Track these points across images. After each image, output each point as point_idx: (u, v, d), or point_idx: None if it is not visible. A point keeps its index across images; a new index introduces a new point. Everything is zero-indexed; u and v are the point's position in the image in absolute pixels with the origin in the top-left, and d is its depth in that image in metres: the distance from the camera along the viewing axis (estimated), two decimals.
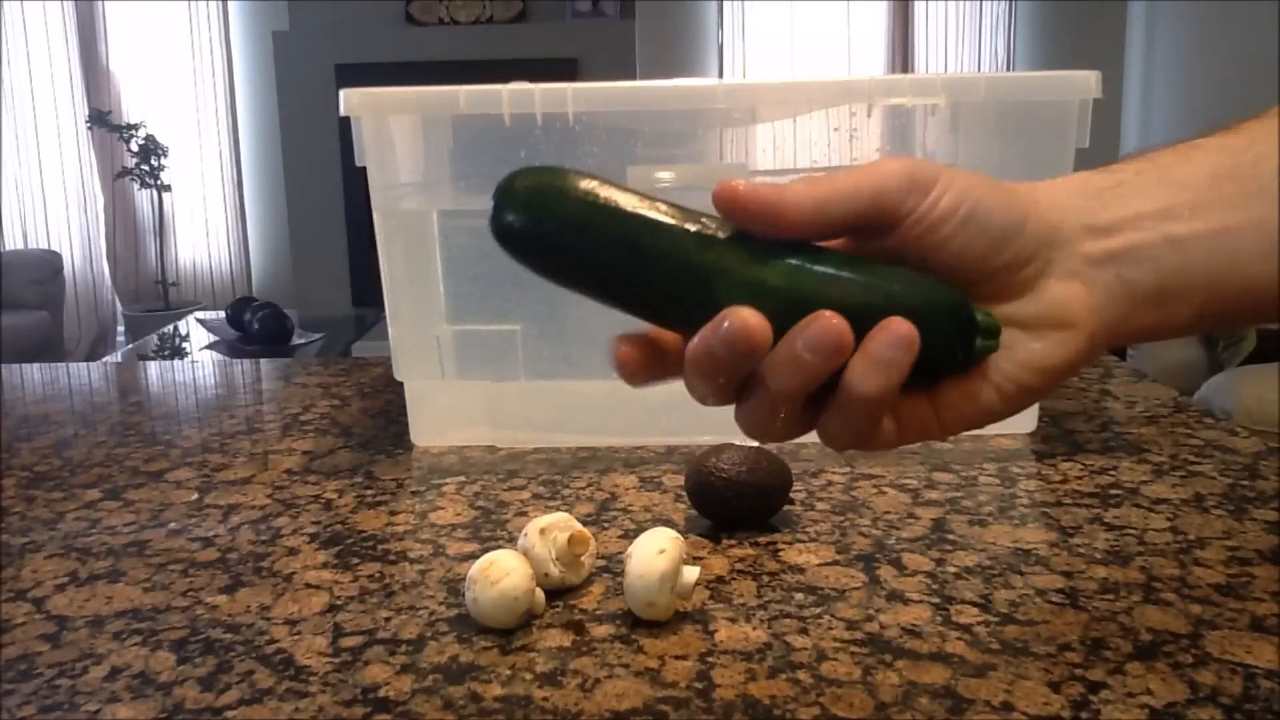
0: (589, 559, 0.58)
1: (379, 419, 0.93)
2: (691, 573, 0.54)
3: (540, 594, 0.55)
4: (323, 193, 4.79)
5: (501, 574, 0.52)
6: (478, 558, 0.54)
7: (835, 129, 0.79)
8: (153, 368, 1.29)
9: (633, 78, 4.44)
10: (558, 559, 0.56)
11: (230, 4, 4.98)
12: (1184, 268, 0.38)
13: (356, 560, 0.63)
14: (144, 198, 5.02)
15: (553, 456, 0.81)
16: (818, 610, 0.55)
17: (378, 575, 0.61)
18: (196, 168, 5.04)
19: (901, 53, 4.74)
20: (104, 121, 4.70)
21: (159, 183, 4.74)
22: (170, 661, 0.51)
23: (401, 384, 0.85)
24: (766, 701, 0.46)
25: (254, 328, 3.18)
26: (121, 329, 5.08)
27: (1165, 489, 0.71)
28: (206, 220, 5.10)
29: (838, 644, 0.51)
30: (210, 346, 3.31)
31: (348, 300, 4.84)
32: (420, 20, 4.75)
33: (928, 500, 0.70)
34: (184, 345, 3.45)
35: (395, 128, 0.79)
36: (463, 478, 0.77)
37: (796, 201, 0.36)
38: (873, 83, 0.76)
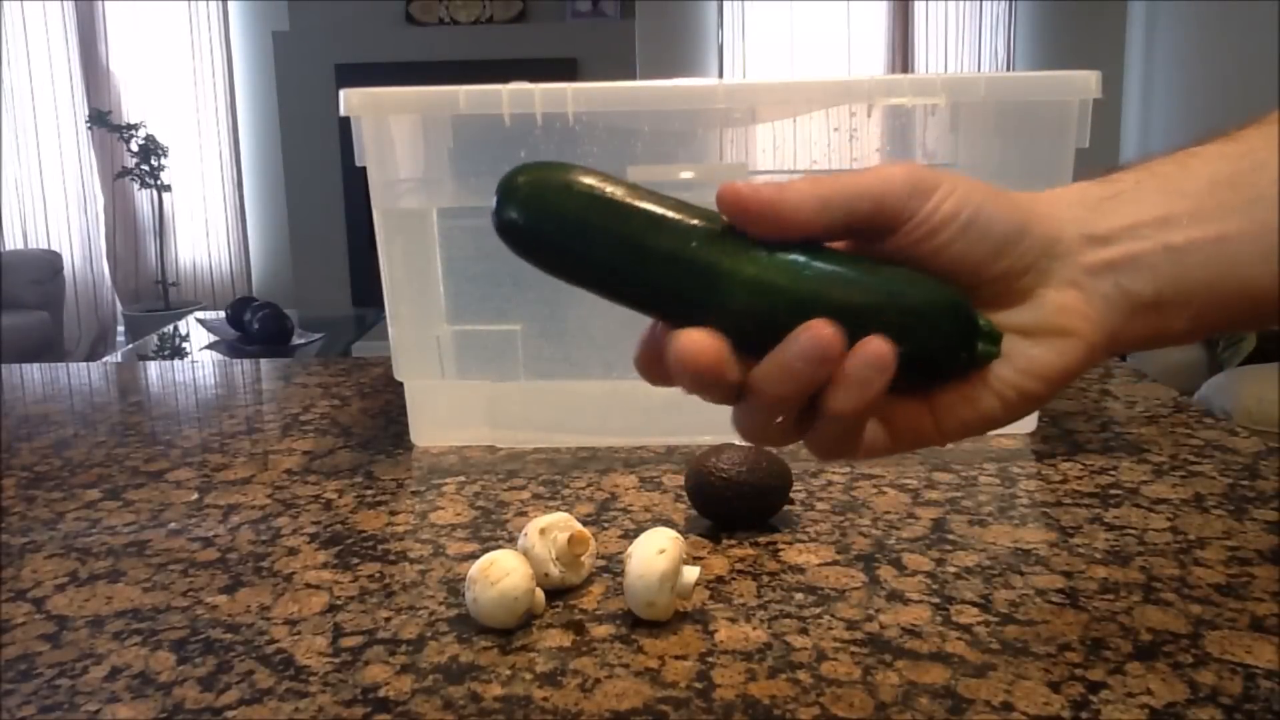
0: (589, 559, 0.58)
1: (379, 419, 0.93)
2: (691, 573, 0.54)
3: (540, 594, 0.55)
4: (323, 193, 4.79)
5: (501, 574, 0.52)
6: (478, 558, 0.54)
7: (835, 129, 0.79)
8: (153, 368, 1.29)
9: (633, 78, 4.44)
10: (558, 559, 0.56)
11: (230, 4, 4.98)
12: (1183, 275, 0.38)
13: (356, 560, 0.63)
14: (144, 198, 5.02)
15: (553, 456, 0.81)
16: (818, 610, 0.55)
17: (378, 575, 0.61)
18: (196, 168, 5.04)
19: (901, 53, 4.74)
20: (104, 121, 4.70)
21: (159, 183, 4.74)
22: (170, 661, 0.51)
23: (401, 384, 0.85)
24: (766, 701, 0.46)
25: (254, 328, 3.18)
26: (121, 329, 5.08)
27: (1165, 489, 0.71)
28: (206, 220, 5.10)
29: (838, 644, 0.51)
30: (210, 346, 3.31)
31: (348, 300, 4.84)
32: (420, 20, 4.75)
33: (928, 500, 0.70)
34: (184, 345, 3.45)
35: (395, 128, 0.79)
36: (463, 478, 0.77)
37: (798, 199, 0.36)
38: (873, 83, 0.76)
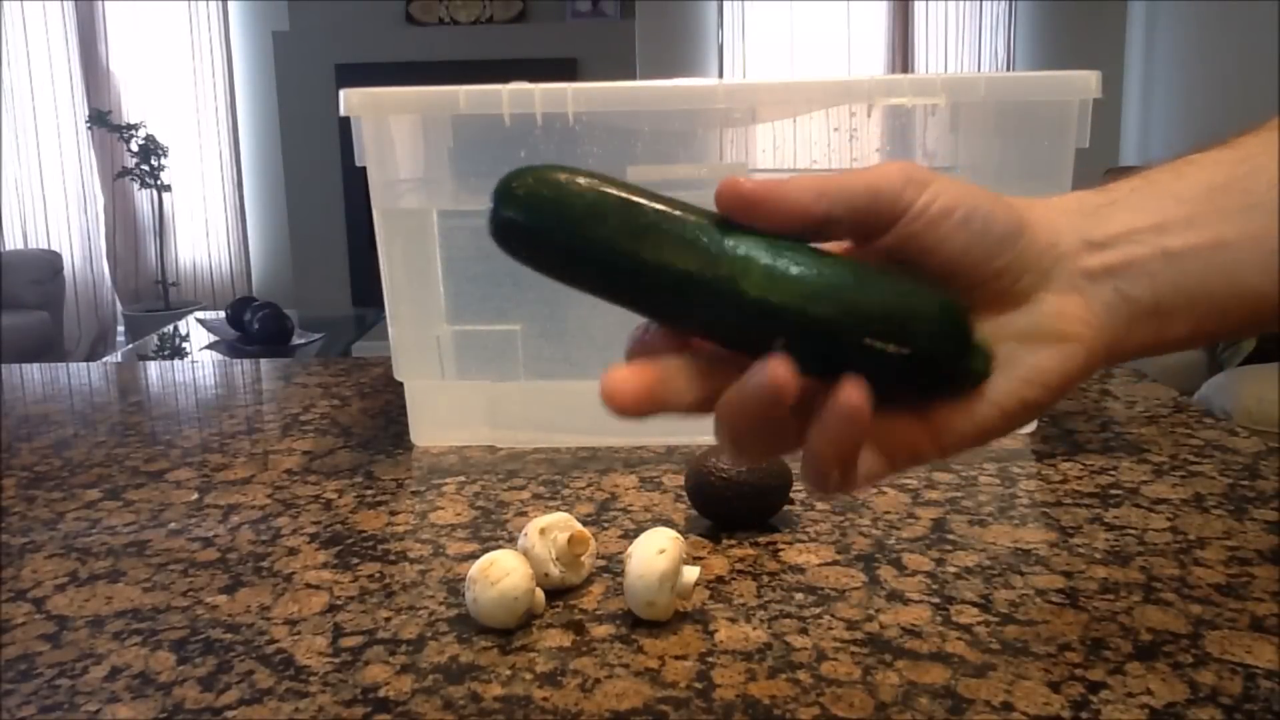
0: (589, 559, 0.58)
1: (379, 419, 0.93)
2: (691, 573, 0.54)
3: (540, 594, 0.55)
4: (323, 193, 4.79)
5: (501, 574, 0.52)
6: (478, 558, 0.54)
7: (835, 129, 0.79)
8: (153, 368, 1.29)
9: (633, 78, 4.44)
10: (558, 559, 0.56)
11: (230, 4, 4.98)
12: (1181, 281, 0.38)
13: (356, 560, 0.63)
14: (144, 198, 5.02)
15: (553, 456, 0.81)
16: (818, 610, 0.55)
17: (378, 575, 0.61)
18: (196, 168, 5.04)
19: (901, 53, 4.74)
20: (104, 121, 4.70)
21: (159, 183, 4.74)
22: (170, 661, 0.51)
23: (401, 384, 0.85)
24: (766, 701, 0.46)
25: (254, 328, 3.18)
26: (121, 329, 5.08)
27: (1165, 489, 0.71)
28: (206, 220, 5.10)
29: (838, 644, 0.51)
30: (210, 346, 3.31)
31: (348, 300, 4.84)
32: (420, 20, 4.75)
33: (928, 500, 0.70)
34: (184, 345, 3.45)
35: (395, 127, 0.79)
36: (463, 478, 0.77)
37: (796, 188, 0.36)
38: (873, 83, 0.76)
